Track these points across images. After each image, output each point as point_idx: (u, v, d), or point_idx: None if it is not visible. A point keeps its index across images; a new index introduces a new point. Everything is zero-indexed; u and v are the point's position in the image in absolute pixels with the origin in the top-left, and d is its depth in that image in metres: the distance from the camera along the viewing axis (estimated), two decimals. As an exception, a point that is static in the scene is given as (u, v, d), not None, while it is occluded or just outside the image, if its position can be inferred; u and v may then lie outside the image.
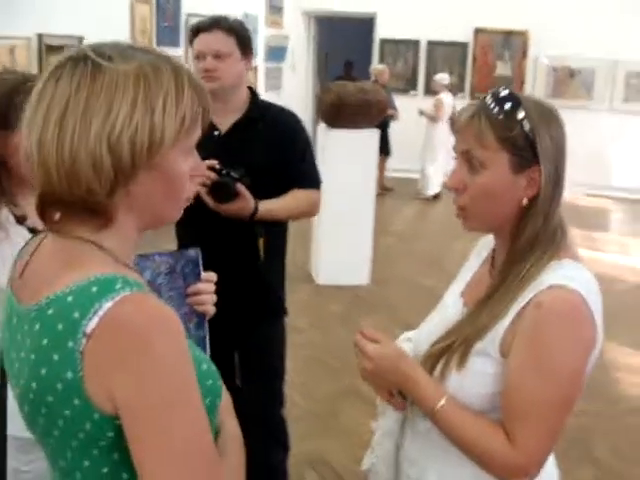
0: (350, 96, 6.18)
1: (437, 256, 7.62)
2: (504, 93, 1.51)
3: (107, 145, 1.06)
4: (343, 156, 6.29)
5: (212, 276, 1.53)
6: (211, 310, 1.51)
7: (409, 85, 12.74)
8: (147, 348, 1.02)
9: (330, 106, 6.17)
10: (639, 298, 6.54)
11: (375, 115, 6.48)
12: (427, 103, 11.13)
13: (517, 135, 1.47)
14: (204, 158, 2.52)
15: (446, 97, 10.77)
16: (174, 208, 1.20)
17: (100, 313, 1.03)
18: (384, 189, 10.85)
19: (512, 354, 1.46)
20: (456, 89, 11.96)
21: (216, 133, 2.68)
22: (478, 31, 12.16)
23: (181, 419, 1.04)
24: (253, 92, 2.84)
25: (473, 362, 1.51)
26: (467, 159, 1.52)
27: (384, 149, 9.65)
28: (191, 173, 1.19)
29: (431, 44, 12.50)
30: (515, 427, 1.44)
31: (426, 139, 10.93)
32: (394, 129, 10.76)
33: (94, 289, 1.05)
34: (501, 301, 1.50)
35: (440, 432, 1.54)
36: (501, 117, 1.47)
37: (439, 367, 1.55)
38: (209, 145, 2.60)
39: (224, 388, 1.26)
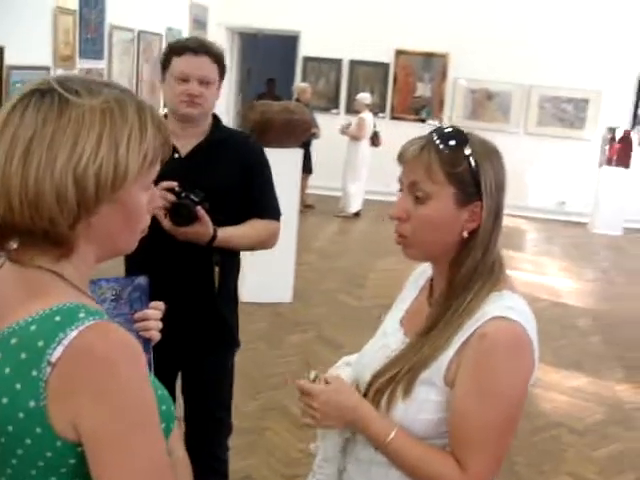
0: (275, 115, 6.22)
1: (359, 273, 7.73)
2: (448, 130, 1.58)
3: (73, 178, 1.09)
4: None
5: (160, 305, 1.56)
6: (156, 336, 1.54)
7: (331, 104, 12.86)
8: (113, 374, 1.05)
9: (254, 124, 6.20)
10: (554, 316, 6.74)
11: (299, 135, 6.54)
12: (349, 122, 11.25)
13: (464, 171, 1.53)
14: (162, 179, 2.53)
15: (368, 116, 10.93)
16: (132, 239, 1.24)
17: (65, 342, 1.06)
18: (306, 206, 10.90)
19: (457, 383, 1.52)
20: (377, 109, 12.15)
21: (176, 156, 2.63)
22: (399, 52, 12.39)
23: (145, 441, 1.08)
24: (216, 117, 2.84)
25: (418, 391, 1.56)
26: (412, 190, 1.57)
27: (306, 167, 9.69)
28: (149, 207, 1.23)
29: (353, 63, 12.66)
30: (465, 453, 1.50)
31: (348, 157, 11.06)
32: (316, 147, 10.85)
33: (57, 318, 1.08)
34: (444, 333, 1.56)
35: (391, 463, 1.59)
36: (449, 152, 1.53)
37: (385, 397, 1.60)
38: (168, 167, 2.58)
39: None
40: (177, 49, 2.64)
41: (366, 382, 1.66)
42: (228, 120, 13.07)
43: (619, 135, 11.57)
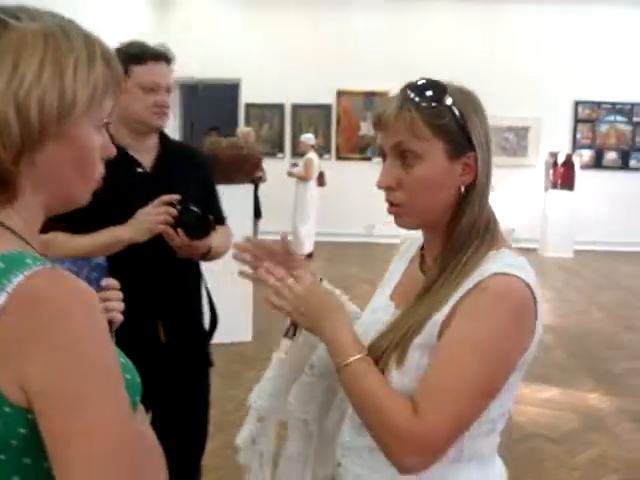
0: (223, 150, 6.16)
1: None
2: (422, 82, 1.48)
3: (14, 105, 0.97)
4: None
5: (115, 283, 1.44)
6: (119, 318, 1.41)
7: (276, 148, 12.90)
8: (66, 323, 0.91)
9: (203, 161, 6.12)
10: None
11: (249, 170, 6.48)
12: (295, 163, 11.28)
13: (449, 122, 1.44)
14: (134, 197, 2.42)
15: (314, 157, 10.95)
16: (83, 186, 1.10)
17: (9, 289, 0.91)
18: (258, 251, 10.79)
19: (446, 333, 1.40)
20: (322, 150, 12.21)
21: (140, 170, 2.50)
22: (340, 93, 12.50)
23: (105, 404, 0.92)
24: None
25: (412, 357, 1.43)
26: (399, 153, 1.47)
27: (255, 211, 9.66)
28: (101, 154, 1.11)
29: (295, 107, 12.75)
30: (426, 399, 1.35)
31: (297, 199, 11.02)
32: (263, 191, 10.81)
33: (0, 265, 0.95)
34: (440, 291, 1.45)
35: (342, 389, 1.48)
36: (429, 105, 1.44)
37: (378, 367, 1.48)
38: (135, 181, 2.47)
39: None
40: (136, 56, 2.49)
41: None
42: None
43: (561, 159, 11.81)
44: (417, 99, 1.44)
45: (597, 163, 12.60)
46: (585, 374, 5.87)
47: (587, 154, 12.52)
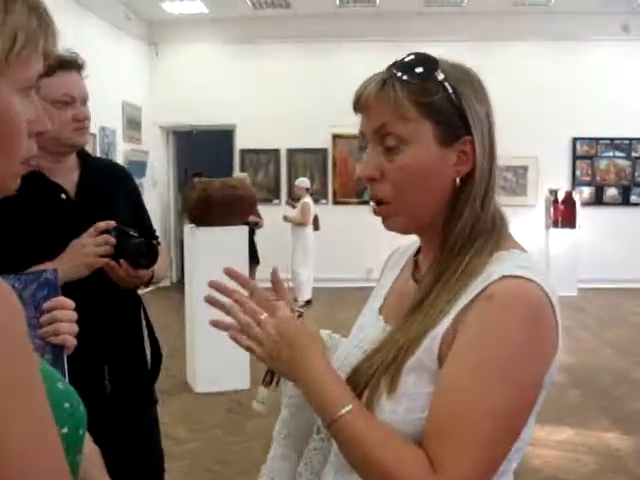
0: (216, 191, 5.97)
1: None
2: (409, 57, 1.27)
3: None
4: (213, 256, 5.99)
5: (68, 302, 1.24)
6: (72, 342, 1.21)
7: (271, 194, 12.73)
8: None
9: (196, 203, 5.93)
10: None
11: (245, 211, 6.30)
12: (291, 211, 11.13)
13: (440, 99, 1.22)
14: (60, 228, 2.14)
15: (310, 201, 10.81)
16: (7, 167, 0.86)
17: None
18: (256, 298, 10.59)
19: (449, 356, 1.14)
20: (319, 195, 12.08)
21: (63, 196, 2.22)
22: (336, 136, 12.39)
23: (20, 426, 0.68)
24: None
25: (406, 382, 1.18)
26: (381, 139, 1.25)
27: (253, 257, 9.48)
28: (31, 129, 0.88)
29: (291, 152, 12.63)
30: (442, 449, 1.10)
31: (295, 244, 10.84)
32: (259, 238, 10.65)
33: None
34: (437, 302, 1.21)
35: (338, 448, 1.21)
36: (417, 81, 1.23)
37: (365, 396, 1.22)
38: (61, 212, 2.18)
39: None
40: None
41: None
42: (167, 221, 12.87)
43: (561, 196, 11.67)
44: (402, 75, 1.23)
45: (598, 200, 12.41)
46: (600, 413, 5.61)
47: (587, 191, 12.36)
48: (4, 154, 0.85)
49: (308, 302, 10.84)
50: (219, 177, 6.98)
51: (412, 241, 1.47)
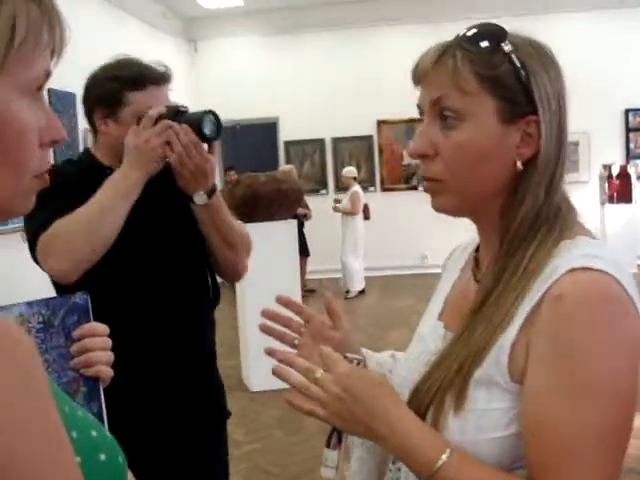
0: (262, 186, 5.88)
1: (374, 348, 7.22)
2: (475, 28, 1.14)
3: None
4: (263, 252, 5.91)
5: (102, 328, 1.13)
6: (107, 373, 1.10)
7: (319, 185, 12.64)
8: None
9: (242, 199, 5.85)
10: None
11: (292, 204, 6.20)
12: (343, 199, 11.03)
13: (505, 73, 1.10)
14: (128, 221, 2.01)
15: (359, 189, 10.69)
16: (13, 181, 0.74)
17: None
18: (307, 291, 10.52)
19: (530, 373, 1.03)
20: (367, 183, 11.94)
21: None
22: (381, 123, 12.23)
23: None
24: None
25: (474, 398, 1.07)
26: (438, 112, 1.13)
27: (302, 250, 9.39)
28: (44, 138, 0.76)
29: (336, 141, 12.50)
30: (555, 477, 1.00)
31: (346, 234, 10.74)
32: (308, 230, 10.56)
33: None
34: (500, 306, 1.08)
35: None
36: (481, 51, 1.10)
37: (429, 416, 1.11)
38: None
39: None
40: (133, 81, 2.07)
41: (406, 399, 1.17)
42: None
43: (616, 171, 11.33)
44: (466, 45, 1.11)
45: (654, 172, 12.06)
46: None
47: (643, 164, 12.02)
48: (10, 169, 0.73)
49: (361, 292, 10.75)
50: (265, 171, 6.92)
51: (472, 238, 1.33)
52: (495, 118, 1.11)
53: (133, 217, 1.99)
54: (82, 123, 7.87)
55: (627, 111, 12.00)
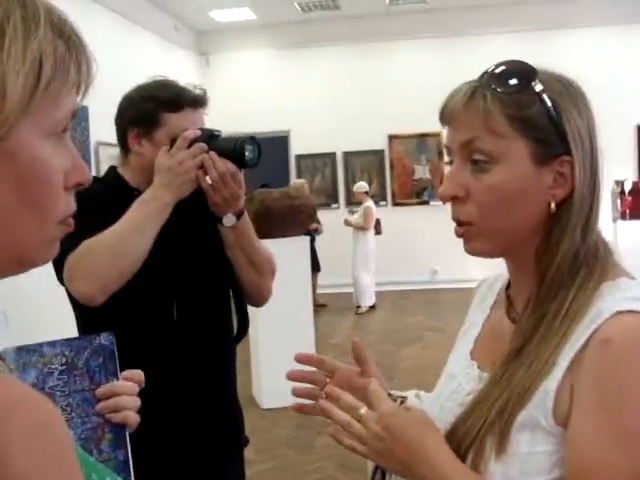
0: (275, 202, 5.85)
1: (387, 365, 7.20)
2: (502, 66, 1.11)
3: None
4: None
5: (137, 374, 1.09)
6: (134, 419, 1.05)
7: (330, 199, 12.60)
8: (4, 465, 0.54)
9: (255, 215, 5.80)
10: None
11: (304, 221, 6.16)
12: (351, 215, 10.99)
13: (536, 113, 1.07)
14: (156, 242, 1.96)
15: (372, 204, 10.66)
16: (38, 229, 0.70)
17: None
18: (318, 306, 10.47)
19: (575, 418, 1.01)
20: (378, 197, 11.91)
21: None
22: (392, 137, 12.20)
23: None
24: None
25: (517, 442, 1.04)
26: (468, 154, 1.11)
27: (314, 265, 9.35)
28: (69, 181, 0.72)
29: (347, 155, 12.47)
30: None
31: (357, 249, 10.71)
32: (318, 244, 10.52)
33: None
34: (542, 350, 1.06)
35: None
36: (511, 92, 1.07)
37: (469, 459, 1.08)
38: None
39: None
40: (170, 103, 2.04)
41: None
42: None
43: (628, 187, 11.25)
44: (495, 85, 1.08)
45: (667, 189, 11.98)
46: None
47: (656, 180, 11.94)
48: (35, 216, 0.69)
49: (372, 307, 10.69)
50: (276, 185, 6.87)
51: (499, 272, 1.32)
52: (528, 160, 1.09)
53: (161, 239, 1.94)
54: (94, 136, 7.87)
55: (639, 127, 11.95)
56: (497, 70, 1.11)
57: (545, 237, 1.12)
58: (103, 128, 8.05)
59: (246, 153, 1.97)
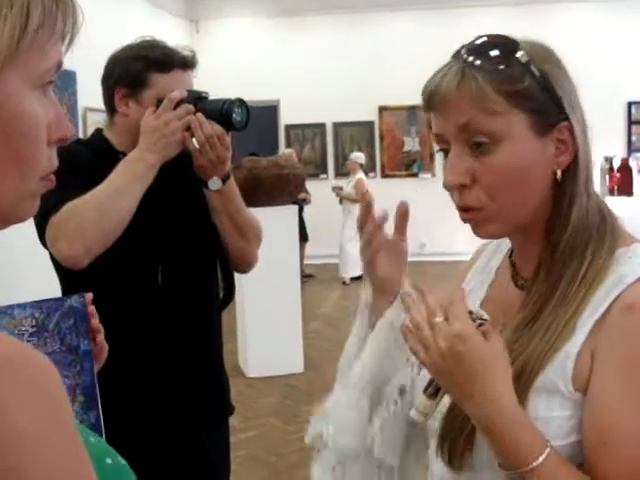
0: (264, 171, 5.82)
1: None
2: (482, 40, 1.10)
3: None
4: (263, 236, 5.89)
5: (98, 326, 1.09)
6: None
7: (319, 169, 12.57)
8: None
9: (244, 183, 5.76)
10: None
11: (292, 190, 6.14)
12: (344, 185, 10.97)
13: (530, 85, 1.06)
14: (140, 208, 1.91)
15: (363, 176, 10.64)
16: (19, 183, 0.67)
17: None
18: (305, 276, 10.49)
19: (596, 383, 1.02)
20: (367, 168, 11.88)
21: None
22: (382, 109, 12.15)
23: None
24: None
25: (535, 406, 1.04)
26: (467, 138, 1.08)
27: (301, 235, 9.35)
28: (52, 135, 0.69)
29: (337, 126, 12.43)
30: None
31: (346, 220, 10.67)
32: (307, 214, 10.51)
33: None
34: (559, 314, 1.05)
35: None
36: (498, 66, 1.06)
37: None
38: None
39: None
40: (159, 63, 2.00)
41: (447, 407, 1.11)
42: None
43: (617, 164, 11.28)
44: (478, 60, 1.06)
45: (656, 165, 12.01)
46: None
47: (644, 157, 11.96)
48: (18, 169, 0.67)
49: (359, 278, 10.71)
50: (264, 154, 6.84)
51: (500, 239, 1.30)
52: (530, 133, 1.08)
53: (146, 202, 1.93)
54: (81, 101, 7.81)
55: (630, 104, 11.96)
56: (477, 42, 1.09)
57: (554, 206, 1.11)
58: (91, 94, 8.01)
59: (234, 115, 1.95)
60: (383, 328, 1.25)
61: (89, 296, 1.12)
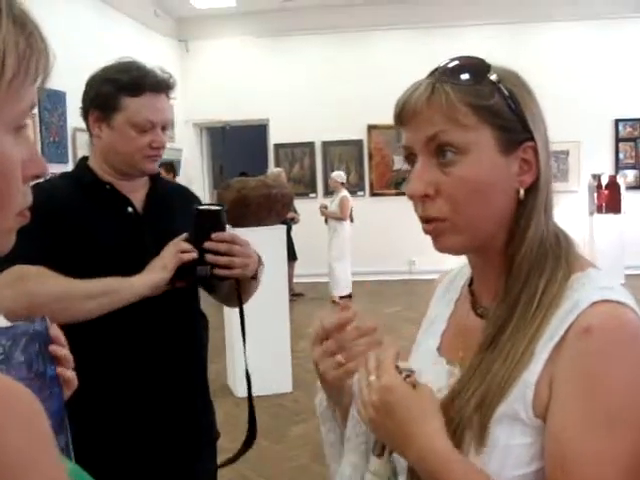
0: (252, 191, 5.82)
1: (360, 354, 7.24)
2: (455, 61, 1.12)
3: None
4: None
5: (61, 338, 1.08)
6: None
7: (308, 188, 12.59)
8: None
9: (232, 204, 5.78)
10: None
11: (280, 210, 6.13)
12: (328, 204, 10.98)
13: (498, 102, 1.09)
14: (125, 240, 1.97)
15: (348, 194, 10.65)
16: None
17: None
18: (295, 295, 10.47)
19: (558, 408, 1.01)
20: (356, 187, 11.91)
21: (130, 210, 2.06)
22: (371, 127, 12.19)
23: None
24: None
25: (497, 435, 1.04)
26: (434, 150, 1.10)
27: (290, 254, 9.33)
28: (26, 172, 0.72)
29: (326, 145, 12.46)
30: None
31: (332, 239, 10.69)
32: (295, 233, 10.50)
33: None
34: (517, 341, 1.06)
35: None
36: (470, 84, 1.09)
37: None
38: (127, 224, 2.03)
39: None
40: (130, 87, 1.98)
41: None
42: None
43: (605, 181, 11.35)
44: (452, 78, 1.09)
45: (643, 183, 12.09)
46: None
47: (632, 174, 12.03)
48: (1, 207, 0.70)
49: (348, 296, 10.70)
50: (254, 173, 6.84)
51: (460, 265, 1.32)
52: (495, 148, 1.09)
53: (130, 232, 1.96)
54: (71, 122, 7.80)
55: (617, 121, 12.03)
56: (450, 65, 1.11)
57: (512, 226, 1.13)
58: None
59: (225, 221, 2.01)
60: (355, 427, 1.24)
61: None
